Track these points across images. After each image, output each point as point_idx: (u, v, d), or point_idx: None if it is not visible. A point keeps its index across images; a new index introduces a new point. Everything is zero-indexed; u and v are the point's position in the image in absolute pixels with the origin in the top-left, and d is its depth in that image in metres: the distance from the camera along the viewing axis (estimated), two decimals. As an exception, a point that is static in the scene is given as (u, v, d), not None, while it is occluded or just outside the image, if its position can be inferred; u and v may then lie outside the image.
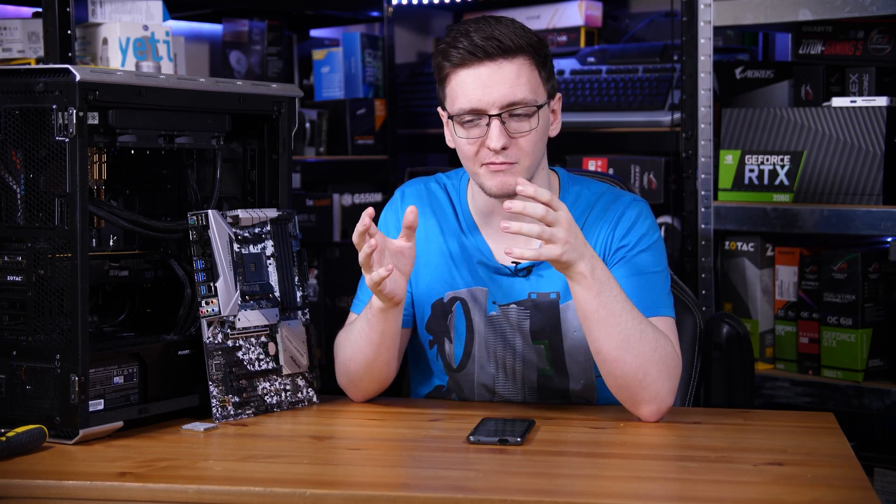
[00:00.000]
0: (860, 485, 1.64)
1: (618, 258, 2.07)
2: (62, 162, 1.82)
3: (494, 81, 1.98)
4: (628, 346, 1.92)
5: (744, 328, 2.30)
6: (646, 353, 1.92)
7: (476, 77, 1.98)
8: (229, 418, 2.01)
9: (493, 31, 1.98)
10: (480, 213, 2.14)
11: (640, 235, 2.07)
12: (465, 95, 1.99)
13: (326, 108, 3.57)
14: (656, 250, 2.08)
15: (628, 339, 1.91)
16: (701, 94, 2.92)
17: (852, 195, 2.72)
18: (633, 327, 1.92)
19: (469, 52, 1.98)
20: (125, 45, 2.79)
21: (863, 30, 2.79)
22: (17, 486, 1.67)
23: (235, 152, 2.22)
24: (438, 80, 2.06)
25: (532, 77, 2.00)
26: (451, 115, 2.03)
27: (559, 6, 3.55)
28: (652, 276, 2.05)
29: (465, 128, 2.01)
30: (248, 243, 2.08)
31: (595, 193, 2.13)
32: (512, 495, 1.58)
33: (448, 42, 2.01)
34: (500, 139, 1.98)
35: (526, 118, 2.00)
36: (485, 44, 1.97)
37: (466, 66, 1.99)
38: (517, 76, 1.98)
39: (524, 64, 1.99)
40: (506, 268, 2.10)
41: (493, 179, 2.01)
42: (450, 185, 2.19)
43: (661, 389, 1.94)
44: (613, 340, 1.92)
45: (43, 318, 1.85)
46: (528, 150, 2.01)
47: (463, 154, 2.05)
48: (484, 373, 2.13)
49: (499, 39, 1.97)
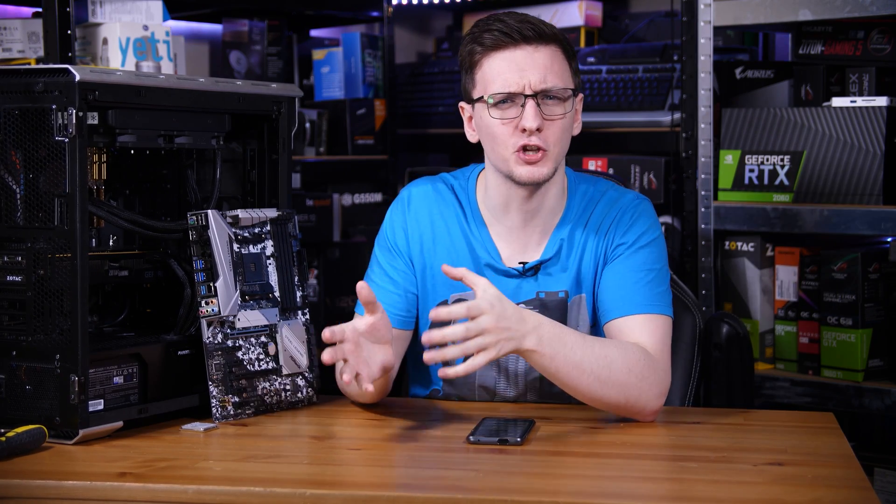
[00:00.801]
0: (860, 485, 1.64)
1: (616, 255, 2.07)
2: (62, 162, 1.82)
3: (529, 65, 1.99)
4: (601, 383, 1.93)
5: (743, 328, 2.30)
6: (621, 380, 1.93)
7: (511, 59, 2.00)
8: (229, 418, 2.01)
9: (527, 17, 2.01)
10: (491, 209, 2.13)
11: (639, 233, 2.08)
12: (500, 77, 2.00)
13: (326, 108, 3.57)
14: (655, 248, 2.08)
15: (599, 378, 1.93)
16: (701, 94, 2.92)
17: (852, 195, 2.72)
18: (600, 365, 1.92)
19: (505, 34, 1.99)
20: (125, 45, 2.79)
21: (863, 30, 2.79)
22: (17, 486, 1.67)
23: (235, 152, 2.22)
24: (467, 67, 2.06)
25: (564, 66, 2.03)
26: (482, 98, 2.02)
27: (559, 6, 3.55)
28: (648, 272, 2.05)
29: (499, 109, 2.01)
30: (248, 243, 2.08)
31: (599, 191, 2.14)
32: (512, 495, 1.58)
33: (480, 28, 2.03)
34: (536, 119, 1.98)
35: (560, 101, 2.01)
36: (520, 27, 1.99)
37: (501, 49, 2.00)
38: (551, 62, 2.00)
39: (556, 52, 2.02)
40: (513, 269, 2.10)
41: (524, 168, 2.01)
42: (457, 185, 2.18)
43: (648, 400, 1.95)
44: (585, 386, 1.93)
45: (43, 318, 1.85)
46: (559, 136, 2.02)
47: (495, 137, 2.03)
48: (485, 376, 2.13)
49: (533, 24, 2.00)
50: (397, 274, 2.14)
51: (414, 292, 2.14)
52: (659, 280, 2.06)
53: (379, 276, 2.15)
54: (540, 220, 2.10)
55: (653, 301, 2.03)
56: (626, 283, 2.02)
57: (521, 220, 2.10)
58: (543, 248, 2.10)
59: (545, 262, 2.10)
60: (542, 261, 2.09)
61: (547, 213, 2.10)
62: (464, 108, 2.11)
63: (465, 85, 2.08)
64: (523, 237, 2.11)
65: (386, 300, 2.12)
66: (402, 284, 2.13)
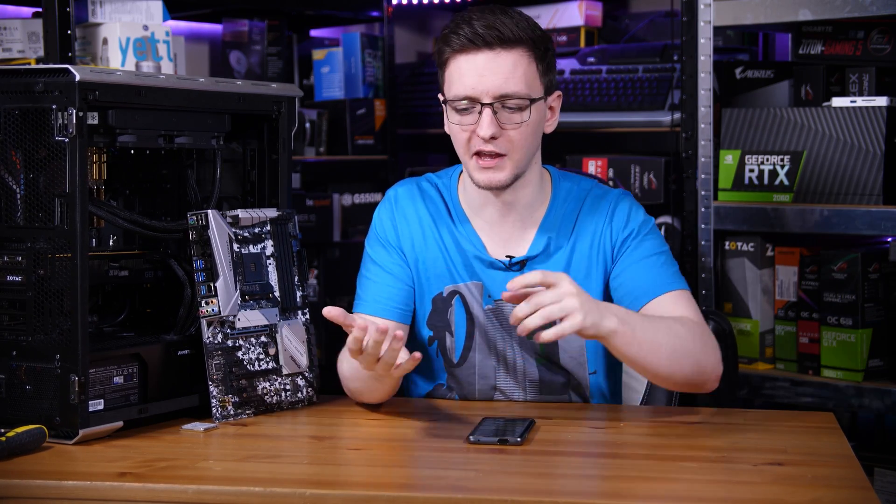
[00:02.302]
0: (860, 485, 1.64)
1: (626, 248, 2.10)
2: (62, 162, 1.82)
3: (490, 70, 1.99)
4: (676, 356, 1.96)
5: (728, 325, 2.34)
6: (690, 349, 1.97)
7: (472, 64, 2.00)
8: (229, 418, 2.01)
9: (496, 20, 1.99)
10: (471, 205, 2.15)
11: (639, 223, 2.12)
12: (460, 81, 2.01)
13: (326, 108, 3.57)
14: (656, 233, 2.14)
15: (674, 350, 1.96)
16: (701, 94, 2.92)
17: (852, 195, 2.72)
18: (671, 336, 1.96)
19: (468, 38, 1.99)
20: (125, 45, 2.79)
21: (863, 30, 2.79)
22: (17, 486, 1.67)
23: (235, 152, 2.22)
24: (439, 64, 2.07)
25: (529, 70, 2.01)
26: (446, 99, 2.05)
27: (559, 6, 3.55)
28: (660, 255, 2.10)
29: (459, 114, 2.03)
30: (248, 243, 2.08)
31: (584, 189, 2.17)
32: (512, 495, 1.58)
33: (451, 27, 2.03)
34: (490, 128, 1.99)
35: (518, 111, 2.01)
36: (484, 32, 1.98)
37: (465, 52, 2.01)
38: (513, 68, 1.99)
39: (522, 56, 2.00)
40: (500, 262, 2.11)
41: (482, 174, 2.04)
42: (440, 183, 2.21)
43: (714, 366, 2.01)
44: (663, 360, 1.96)
45: (43, 318, 1.85)
46: (519, 143, 2.02)
47: (455, 140, 2.07)
48: (485, 365, 2.14)
49: (498, 29, 1.99)
50: (394, 267, 2.15)
51: (411, 285, 2.15)
52: (671, 260, 2.12)
53: (375, 273, 2.16)
54: (517, 214, 2.11)
55: (674, 279, 2.08)
56: (647, 267, 2.07)
57: (498, 214, 2.12)
58: (530, 243, 2.12)
59: (532, 259, 2.11)
60: (530, 256, 2.11)
61: (524, 207, 2.11)
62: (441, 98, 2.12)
63: (439, 79, 2.10)
64: (504, 231, 2.13)
65: (385, 294, 2.13)
66: (401, 277, 2.15)
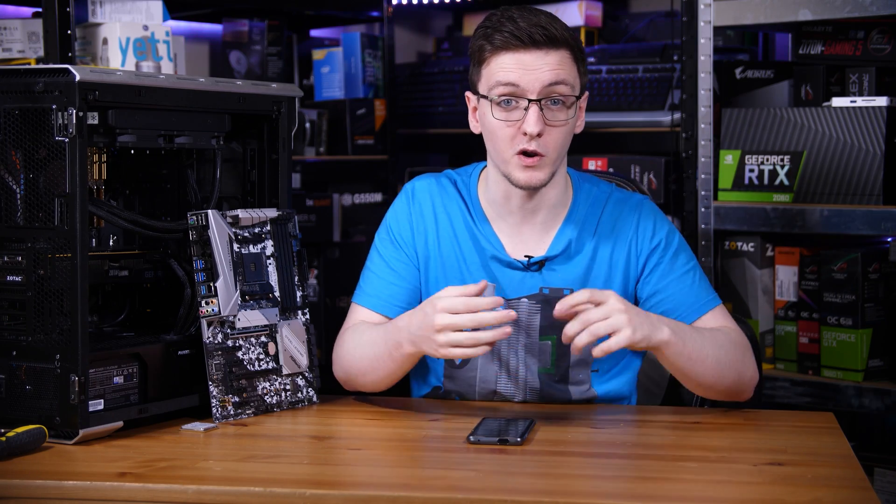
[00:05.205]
0: (860, 485, 1.64)
1: (654, 262, 2.11)
2: (62, 162, 1.82)
3: (537, 67, 1.99)
4: (721, 366, 2.01)
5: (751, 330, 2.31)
6: (732, 358, 2.02)
7: (518, 61, 1.99)
8: (229, 418, 2.01)
9: (540, 19, 2.00)
10: (493, 205, 2.14)
11: (665, 231, 2.13)
12: (507, 77, 2.00)
13: (326, 108, 3.57)
14: (683, 244, 2.15)
15: (719, 361, 2.00)
16: (701, 94, 2.92)
17: (852, 195, 2.72)
18: (716, 346, 2.01)
19: (515, 35, 1.99)
20: (125, 45, 2.79)
21: (863, 30, 2.79)
22: (17, 486, 1.67)
23: (235, 152, 2.22)
24: (476, 60, 2.06)
25: (572, 70, 2.02)
26: (486, 95, 2.03)
27: (559, 6, 3.54)
28: (695, 269, 2.12)
29: (502, 109, 2.02)
30: (248, 243, 2.08)
31: (604, 191, 2.16)
32: (512, 495, 1.58)
33: (492, 25, 2.02)
34: (538, 124, 1.99)
35: (564, 107, 2.01)
36: (532, 31, 1.98)
37: (510, 50, 2.00)
38: (560, 65, 2.00)
39: (566, 56, 2.01)
40: (518, 262, 2.11)
41: (523, 173, 2.03)
42: (459, 181, 2.19)
43: (752, 375, 2.06)
44: (710, 370, 2.00)
45: (43, 318, 1.85)
46: (559, 142, 2.03)
47: (496, 137, 2.04)
48: (486, 369, 2.13)
49: (546, 28, 1.99)
50: (400, 265, 2.14)
51: (415, 284, 2.15)
52: (702, 272, 2.14)
53: (380, 268, 2.16)
54: (541, 216, 2.11)
55: (712, 294, 2.11)
56: (687, 285, 2.09)
57: (521, 216, 2.11)
58: (549, 243, 2.11)
59: (550, 259, 2.10)
60: (548, 257, 2.10)
61: (547, 209, 2.11)
62: (469, 97, 2.11)
63: (472, 76, 2.08)
64: (525, 232, 2.12)
65: (386, 291, 2.13)
66: (405, 276, 2.14)
